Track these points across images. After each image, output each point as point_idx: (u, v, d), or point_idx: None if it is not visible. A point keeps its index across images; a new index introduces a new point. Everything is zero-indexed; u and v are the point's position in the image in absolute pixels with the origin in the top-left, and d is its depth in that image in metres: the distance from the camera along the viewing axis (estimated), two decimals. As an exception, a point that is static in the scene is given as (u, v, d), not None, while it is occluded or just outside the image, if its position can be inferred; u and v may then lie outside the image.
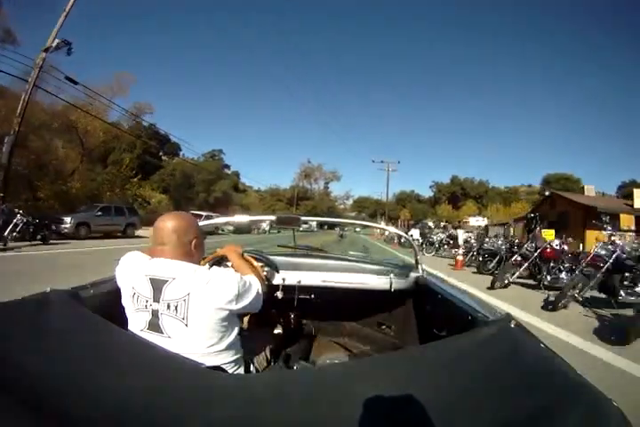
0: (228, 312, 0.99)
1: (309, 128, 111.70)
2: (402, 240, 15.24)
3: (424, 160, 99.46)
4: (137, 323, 0.99)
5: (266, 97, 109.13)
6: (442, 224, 24.40)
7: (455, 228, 20.12)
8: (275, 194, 65.50)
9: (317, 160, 76.59)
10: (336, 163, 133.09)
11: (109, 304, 1.08)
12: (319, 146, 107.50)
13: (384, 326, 2.13)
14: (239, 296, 1.01)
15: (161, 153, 37.56)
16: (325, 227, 36.63)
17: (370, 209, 68.01)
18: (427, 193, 69.28)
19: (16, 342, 0.75)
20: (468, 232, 15.67)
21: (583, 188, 25.11)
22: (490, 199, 55.64)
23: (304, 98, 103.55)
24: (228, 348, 1.02)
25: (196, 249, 1.08)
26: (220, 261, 1.54)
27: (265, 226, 28.24)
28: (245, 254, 1.48)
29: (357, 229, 45.47)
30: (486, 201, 54.90)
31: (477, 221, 36.70)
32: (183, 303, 0.94)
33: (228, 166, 55.40)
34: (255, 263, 1.46)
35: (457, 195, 60.21)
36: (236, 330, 1.06)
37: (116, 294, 1.09)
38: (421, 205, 65.29)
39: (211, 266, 1.14)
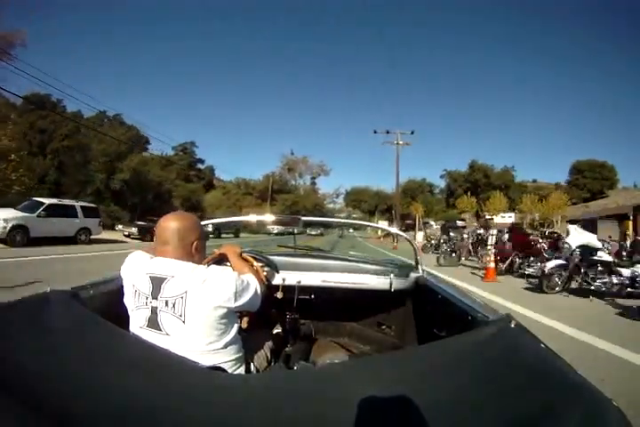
0: (226, 310, 0.99)
1: (293, 114, 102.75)
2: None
3: (429, 146, 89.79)
4: (137, 320, 1.00)
5: (243, 80, 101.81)
6: (458, 223, 20.10)
7: (484, 227, 14.07)
8: (244, 185, 49.81)
9: (302, 153, 65.32)
10: (324, 155, 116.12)
11: (109, 304, 1.09)
12: (305, 135, 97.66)
13: (384, 326, 2.13)
14: (237, 294, 1.01)
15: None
16: (311, 228, 31.04)
17: (369, 204, 52.59)
18: (437, 183, 55.48)
19: (16, 342, 0.75)
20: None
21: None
22: (515, 190, 43.17)
23: (286, 77, 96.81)
24: (228, 346, 1.02)
25: (197, 251, 1.09)
26: (219, 261, 1.51)
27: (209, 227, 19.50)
28: (244, 254, 1.49)
29: (351, 230, 39.85)
30: (513, 193, 42.26)
31: (504, 218, 30.35)
32: (181, 301, 0.95)
33: (201, 161, 48.24)
34: (255, 263, 1.48)
35: (479, 184, 46.15)
36: (236, 329, 1.06)
37: (115, 294, 1.11)
38: (434, 198, 51.44)
39: (209, 266, 1.10)
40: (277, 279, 1.72)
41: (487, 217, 31.81)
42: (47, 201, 11.64)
